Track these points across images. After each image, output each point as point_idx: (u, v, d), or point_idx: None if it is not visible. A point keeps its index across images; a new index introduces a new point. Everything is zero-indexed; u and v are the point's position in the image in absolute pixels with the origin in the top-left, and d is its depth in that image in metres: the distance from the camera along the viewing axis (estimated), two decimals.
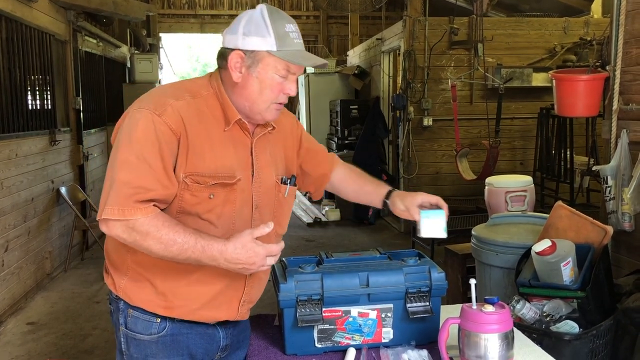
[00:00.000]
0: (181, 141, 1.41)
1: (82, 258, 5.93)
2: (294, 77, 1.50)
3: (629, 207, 2.99)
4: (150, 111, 1.40)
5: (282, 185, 1.61)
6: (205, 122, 1.46)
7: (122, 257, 1.52)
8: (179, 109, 1.42)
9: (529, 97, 6.54)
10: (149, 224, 1.34)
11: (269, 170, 1.58)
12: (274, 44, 1.43)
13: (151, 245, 1.35)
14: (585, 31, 6.57)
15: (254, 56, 1.44)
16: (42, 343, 3.86)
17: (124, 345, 1.56)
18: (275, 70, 1.45)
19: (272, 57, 1.44)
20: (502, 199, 3.71)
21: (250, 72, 1.45)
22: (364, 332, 1.61)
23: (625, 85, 3.16)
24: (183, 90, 1.48)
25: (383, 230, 6.95)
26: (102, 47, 7.27)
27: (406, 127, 6.56)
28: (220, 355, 1.64)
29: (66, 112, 6.02)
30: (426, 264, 1.65)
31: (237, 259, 1.35)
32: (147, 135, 1.37)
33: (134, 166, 1.36)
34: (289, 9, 11.31)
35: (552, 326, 2.24)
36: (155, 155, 1.37)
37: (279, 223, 1.62)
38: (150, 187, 1.36)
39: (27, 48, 4.91)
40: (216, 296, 1.53)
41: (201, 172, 1.43)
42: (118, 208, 1.33)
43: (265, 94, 1.47)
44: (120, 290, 1.54)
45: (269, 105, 1.49)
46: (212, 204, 1.46)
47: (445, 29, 6.40)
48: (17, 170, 4.56)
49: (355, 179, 1.87)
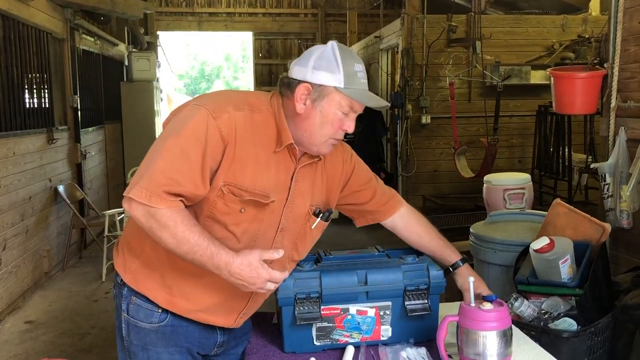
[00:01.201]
0: (227, 149, 1.42)
1: (80, 257, 5.92)
2: (354, 116, 1.52)
3: (627, 205, 2.99)
4: (209, 111, 1.42)
5: (312, 217, 1.61)
6: (257, 138, 1.47)
7: (141, 240, 1.54)
8: (235, 118, 1.44)
9: (527, 95, 6.55)
10: (169, 217, 1.36)
11: (304, 198, 1.58)
12: (342, 81, 1.45)
13: (165, 237, 1.37)
14: (584, 29, 6.58)
15: (321, 90, 1.47)
16: (40, 342, 3.85)
17: (124, 330, 1.59)
18: (339, 107, 1.47)
19: (339, 94, 1.46)
20: (501, 196, 3.71)
21: (314, 105, 1.47)
22: (362, 329, 1.61)
23: (624, 83, 3.16)
24: (244, 102, 1.50)
25: (381, 228, 6.90)
26: (99, 45, 7.26)
27: (404, 125, 6.56)
28: (216, 350, 1.66)
29: (64, 111, 6.00)
30: (424, 261, 1.66)
31: (239, 275, 1.38)
32: (197, 132, 1.40)
33: (175, 157, 1.38)
34: (287, 6, 11.31)
35: (550, 323, 2.24)
36: (197, 154, 1.39)
37: (297, 250, 1.64)
38: (182, 181, 1.37)
39: (24, 46, 4.90)
40: (217, 305, 1.55)
41: (239, 185, 1.45)
42: (146, 192, 1.35)
43: (326, 128, 1.49)
44: (129, 272, 1.56)
45: (326, 139, 1.51)
46: (240, 218, 1.48)
47: (443, 26, 6.40)
48: (14, 168, 4.55)
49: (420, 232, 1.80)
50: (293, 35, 11.43)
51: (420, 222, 1.82)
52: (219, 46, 24.32)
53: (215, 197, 1.45)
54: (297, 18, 11.39)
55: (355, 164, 1.76)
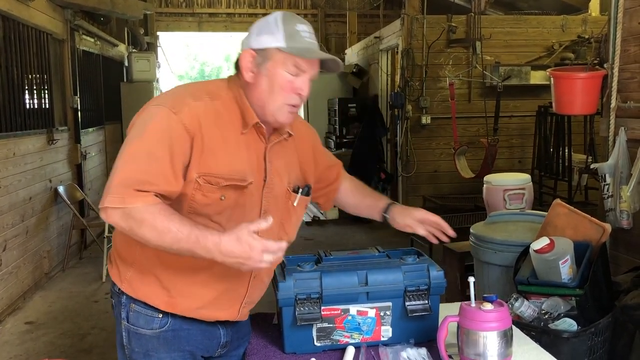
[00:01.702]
0: (195, 141, 1.41)
1: (81, 257, 5.93)
2: (306, 77, 1.50)
3: (628, 205, 2.99)
4: (168, 108, 1.42)
5: (292, 194, 1.61)
6: (222, 124, 1.46)
7: (131, 248, 1.53)
8: (196, 109, 1.43)
9: (527, 95, 6.55)
10: (145, 210, 1.34)
11: (281, 177, 1.58)
12: (282, 40, 1.44)
13: (146, 233, 1.34)
14: (583, 29, 6.58)
15: (264, 54, 1.46)
16: (41, 342, 3.85)
17: (125, 339, 1.56)
18: (284, 67, 1.45)
19: (281, 54, 1.45)
20: (501, 197, 3.71)
21: (260, 70, 1.47)
22: (362, 330, 1.61)
23: (623, 83, 3.16)
24: (203, 92, 1.49)
25: (381, 228, 6.95)
26: (99, 46, 7.26)
27: (404, 126, 6.56)
28: (220, 351, 1.65)
29: (64, 111, 6.01)
30: (425, 262, 1.65)
31: (231, 252, 1.32)
32: (160, 131, 1.39)
33: (141, 159, 1.38)
34: (287, 7, 11.29)
35: (550, 324, 2.24)
36: (163, 151, 1.38)
37: (285, 230, 1.63)
38: (153, 179, 1.36)
39: (24, 47, 4.90)
40: (218, 297, 1.54)
41: (214, 173, 1.44)
42: (118, 197, 1.34)
43: (276, 92, 1.47)
44: (125, 281, 1.54)
45: (280, 105, 1.48)
46: (222, 206, 1.46)
47: (443, 27, 6.40)
48: (14, 169, 4.55)
49: (355, 192, 1.87)
50: None
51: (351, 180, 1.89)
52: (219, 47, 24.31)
53: (193, 191, 1.43)
54: None
55: (317, 136, 1.81)
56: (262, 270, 1.56)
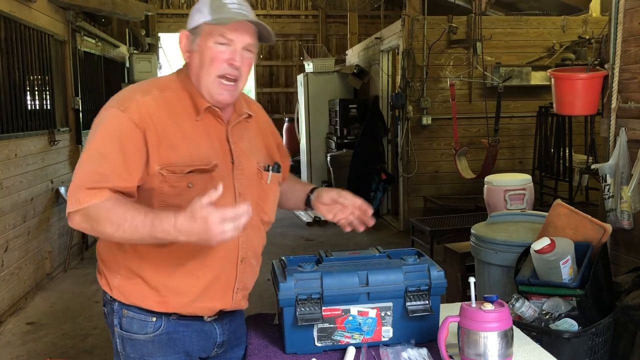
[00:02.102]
0: (148, 134, 1.43)
1: (82, 258, 5.93)
2: (236, 47, 1.49)
3: (628, 205, 2.99)
4: (116, 108, 1.45)
5: (264, 173, 1.62)
6: (176, 114, 1.48)
7: (113, 256, 1.54)
8: (145, 103, 1.45)
9: (527, 96, 6.55)
10: (100, 207, 1.36)
11: (248, 158, 1.59)
12: (208, 14, 1.47)
13: (106, 228, 1.36)
14: (584, 29, 6.57)
15: (196, 32, 1.49)
16: (42, 343, 3.86)
17: (119, 346, 1.57)
18: (212, 39, 1.47)
19: (208, 26, 1.47)
20: (501, 197, 3.71)
21: (193, 47, 1.50)
22: (363, 330, 1.61)
23: (624, 84, 3.17)
24: (151, 86, 1.52)
25: (382, 229, 6.96)
26: (101, 47, 7.27)
27: (405, 126, 6.57)
28: (217, 351, 1.65)
29: (65, 112, 6.01)
30: (425, 262, 1.66)
31: (190, 229, 1.30)
32: (109, 131, 1.42)
33: (92, 160, 1.41)
34: (287, 8, 11.32)
35: (551, 324, 2.24)
36: (114, 150, 1.40)
37: (264, 210, 1.64)
38: (105, 177, 1.38)
39: (26, 48, 4.91)
40: (209, 286, 1.53)
41: (175, 162, 1.45)
42: (75, 199, 1.37)
43: (206, 65, 1.48)
44: (115, 289, 1.54)
45: (213, 79, 1.48)
46: (192, 194, 1.44)
47: (444, 27, 6.40)
48: (16, 170, 4.55)
49: (289, 180, 1.86)
50: (294, 36, 11.44)
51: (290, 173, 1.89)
52: None
53: (159, 184, 1.44)
54: (297, 20, 11.40)
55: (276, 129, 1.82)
56: (248, 252, 1.58)
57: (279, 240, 6.38)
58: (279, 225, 7.13)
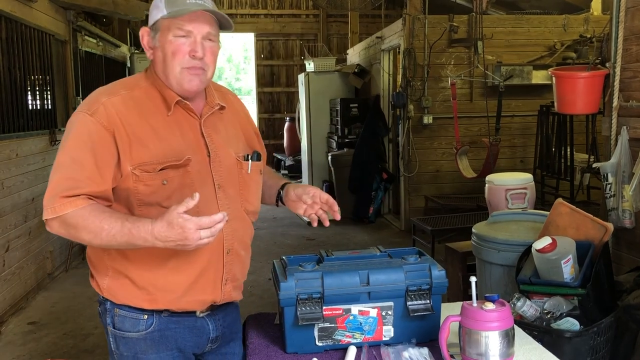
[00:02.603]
0: (118, 135, 1.44)
1: (83, 257, 5.92)
2: (195, 37, 1.49)
3: (630, 204, 2.99)
4: (84, 112, 1.45)
5: (244, 162, 1.62)
6: (146, 112, 1.49)
7: (100, 258, 1.55)
8: (112, 105, 1.46)
9: (529, 95, 6.54)
10: (76, 215, 1.38)
11: (226, 149, 1.59)
12: (164, 9, 1.48)
13: (83, 235, 1.39)
14: (585, 28, 6.57)
15: (155, 28, 1.51)
16: (43, 343, 3.86)
17: (113, 345, 1.59)
18: (171, 33, 1.48)
19: (165, 21, 1.48)
20: (503, 196, 3.70)
21: (155, 44, 1.52)
22: (364, 330, 1.61)
23: (625, 82, 3.16)
24: (118, 87, 1.53)
25: (383, 228, 6.95)
26: (102, 47, 7.27)
27: (406, 126, 6.56)
28: (211, 346, 1.66)
29: (66, 112, 6.01)
30: (426, 261, 1.65)
31: (167, 237, 1.32)
32: (79, 136, 1.44)
33: (65, 166, 1.42)
34: (288, 7, 11.32)
35: (552, 323, 2.24)
36: (85, 154, 1.41)
37: (248, 200, 1.64)
38: (78, 184, 1.40)
39: (26, 48, 4.91)
40: (196, 281, 1.54)
41: (147, 161, 1.45)
42: (51, 207, 1.39)
43: (169, 59, 1.49)
44: (105, 291, 1.56)
45: (179, 71, 1.49)
46: (168, 190, 1.47)
47: (444, 26, 6.40)
48: (17, 170, 4.56)
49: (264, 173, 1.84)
50: (295, 36, 11.44)
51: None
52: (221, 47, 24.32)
53: (133, 184, 1.45)
54: (298, 19, 11.40)
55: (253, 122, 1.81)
56: (235, 244, 1.59)
57: (280, 239, 6.38)
58: (280, 225, 7.14)
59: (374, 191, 7.22)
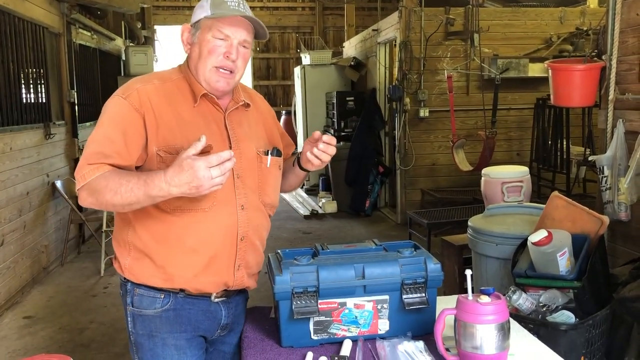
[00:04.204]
0: (147, 119, 1.54)
1: (79, 252, 5.92)
2: (232, 42, 1.59)
3: (625, 197, 2.99)
4: (118, 96, 1.58)
5: (263, 157, 1.69)
6: (175, 102, 1.60)
7: (124, 237, 1.64)
8: (145, 91, 1.58)
9: (525, 88, 6.54)
10: (100, 178, 1.47)
11: (248, 142, 1.68)
12: (208, 9, 1.59)
13: (107, 196, 1.46)
14: (582, 21, 6.56)
15: (197, 26, 1.62)
16: (39, 337, 3.85)
17: (130, 324, 1.67)
18: (210, 32, 1.58)
19: (207, 21, 1.59)
20: (499, 189, 3.70)
21: (194, 40, 1.63)
22: (360, 323, 1.61)
23: (622, 75, 3.16)
24: (153, 77, 1.65)
25: (380, 221, 6.96)
26: (96, 40, 7.23)
27: (402, 119, 6.55)
28: (219, 332, 1.73)
29: (61, 106, 5.98)
30: (422, 255, 1.65)
31: (179, 181, 1.38)
32: (113, 116, 1.56)
33: (97, 142, 1.53)
34: (285, 0, 11.26)
35: (548, 316, 2.24)
36: (116, 132, 1.52)
37: (265, 192, 1.71)
38: (107, 156, 1.50)
39: (20, 41, 4.88)
40: (210, 263, 1.61)
41: (172, 145, 1.55)
42: (80, 174, 1.50)
43: (204, 55, 1.59)
44: (126, 270, 1.64)
45: (210, 69, 1.59)
46: None
47: (441, 19, 6.38)
48: (11, 164, 4.53)
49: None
50: (291, 28, 11.40)
51: None
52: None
53: (158, 164, 1.54)
54: (294, 12, 11.36)
55: (277, 120, 1.90)
56: (249, 232, 1.64)
57: (276, 233, 6.38)
58: (276, 219, 7.11)
59: (370, 184, 7.22)
